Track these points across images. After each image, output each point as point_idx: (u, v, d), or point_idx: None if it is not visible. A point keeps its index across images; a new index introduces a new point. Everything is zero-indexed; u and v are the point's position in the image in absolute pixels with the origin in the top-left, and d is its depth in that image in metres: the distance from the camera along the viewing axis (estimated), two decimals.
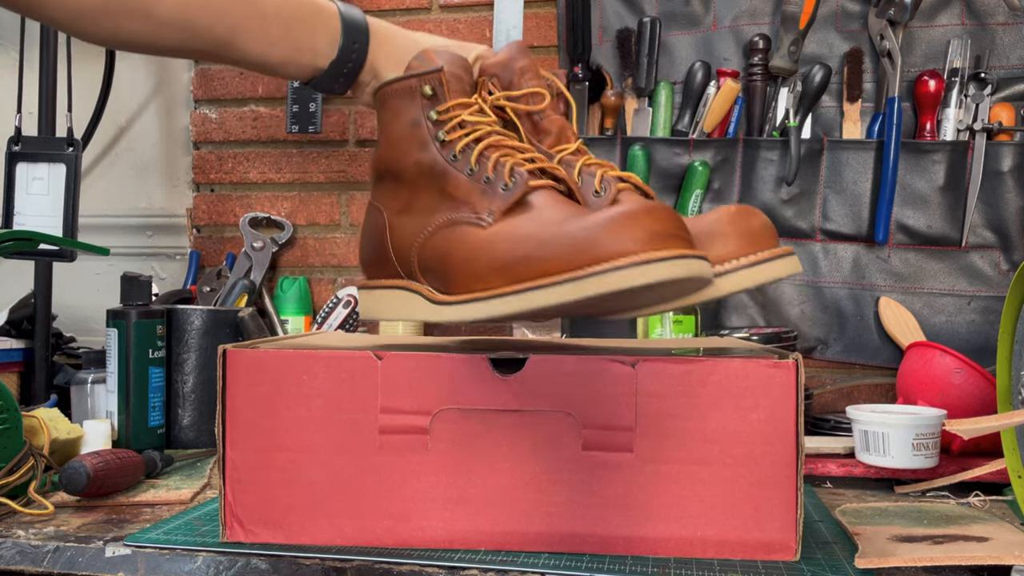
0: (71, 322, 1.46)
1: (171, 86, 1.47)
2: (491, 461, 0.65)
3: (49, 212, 1.17)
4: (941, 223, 1.16)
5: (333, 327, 1.29)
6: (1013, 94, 1.15)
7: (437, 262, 0.63)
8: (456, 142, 0.65)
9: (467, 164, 0.64)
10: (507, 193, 0.62)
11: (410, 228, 0.66)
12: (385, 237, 0.69)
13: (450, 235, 0.63)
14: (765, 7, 1.21)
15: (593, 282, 0.52)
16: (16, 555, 0.67)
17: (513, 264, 0.57)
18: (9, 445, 0.78)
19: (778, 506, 0.63)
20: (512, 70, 0.71)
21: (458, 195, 0.64)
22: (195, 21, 0.65)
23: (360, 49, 0.70)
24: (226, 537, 0.67)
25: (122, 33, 0.64)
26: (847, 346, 1.19)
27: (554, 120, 0.73)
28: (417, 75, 0.67)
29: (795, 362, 0.63)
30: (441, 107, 0.66)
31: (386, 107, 0.69)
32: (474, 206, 0.63)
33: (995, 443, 0.88)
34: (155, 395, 1.00)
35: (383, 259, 0.69)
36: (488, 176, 0.63)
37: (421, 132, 0.67)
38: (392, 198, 0.69)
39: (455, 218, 0.63)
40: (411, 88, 0.67)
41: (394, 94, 0.68)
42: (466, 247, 0.61)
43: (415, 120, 0.67)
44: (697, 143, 1.20)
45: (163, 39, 0.65)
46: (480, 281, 0.59)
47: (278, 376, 0.66)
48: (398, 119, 0.68)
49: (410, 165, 0.67)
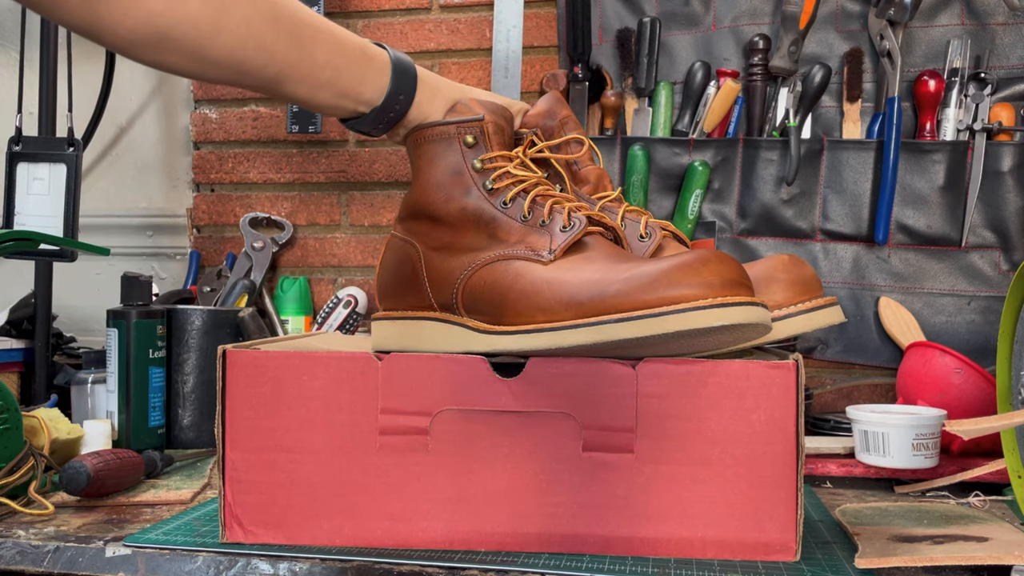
0: (71, 322, 1.46)
1: (171, 86, 1.47)
2: (491, 462, 0.65)
3: (49, 212, 1.17)
4: (941, 223, 1.16)
5: (333, 327, 1.29)
6: (1013, 94, 1.15)
7: (489, 295, 0.64)
8: (505, 191, 0.67)
9: (519, 211, 0.67)
10: (566, 234, 0.65)
11: (452, 264, 0.68)
12: (419, 270, 0.70)
13: (504, 269, 0.65)
14: (765, 7, 1.21)
15: (671, 320, 0.55)
16: (16, 555, 0.67)
17: (585, 298, 0.59)
18: (9, 445, 0.78)
19: (778, 506, 0.63)
20: (554, 120, 0.75)
21: (510, 238, 0.66)
22: (247, 62, 0.64)
23: (406, 100, 0.70)
24: (226, 537, 0.67)
25: (169, 65, 0.64)
26: (847, 346, 1.19)
27: (591, 169, 0.78)
28: (458, 122, 0.68)
29: (795, 362, 0.63)
30: (485, 156, 0.68)
31: (422, 150, 0.70)
32: (530, 244, 0.65)
33: (995, 443, 0.88)
34: (155, 395, 1.00)
35: (412, 291, 0.71)
36: (544, 220, 0.66)
37: (464, 179, 0.68)
38: (428, 236, 0.70)
39: (508, 254, 0.65)
40: (450, 134, 0.69)
41: (432, 139, 0.69)
42: (525, 281, 0.63)
43: (456, 167, 0.68)
44: (697, 143, 1.20)
45: (213, 74, 0.65)
46: (544, 313, 0.61)
47: (278, 376, 0.66)
48: (436, 164, 0.69)
49: (453, 210, 0.68)
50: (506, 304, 0.63)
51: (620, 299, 0.57)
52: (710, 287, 0.56)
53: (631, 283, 0.58)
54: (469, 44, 1.32)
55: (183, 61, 0.63)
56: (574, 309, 0.60)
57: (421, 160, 0.70)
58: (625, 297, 0.57)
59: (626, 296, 0.57)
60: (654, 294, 0.56)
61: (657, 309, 0.56)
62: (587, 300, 0.59)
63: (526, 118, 0.76)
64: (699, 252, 0.58)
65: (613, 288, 0.58)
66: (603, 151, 1.22)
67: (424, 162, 0.70)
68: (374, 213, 1.36)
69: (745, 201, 1.20)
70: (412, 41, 1.34)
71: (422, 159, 0.70)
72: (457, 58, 1.33)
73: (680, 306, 0.55)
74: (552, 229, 0.65)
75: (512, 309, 0.63)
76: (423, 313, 0.70)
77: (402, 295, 0.72)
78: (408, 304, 0.72)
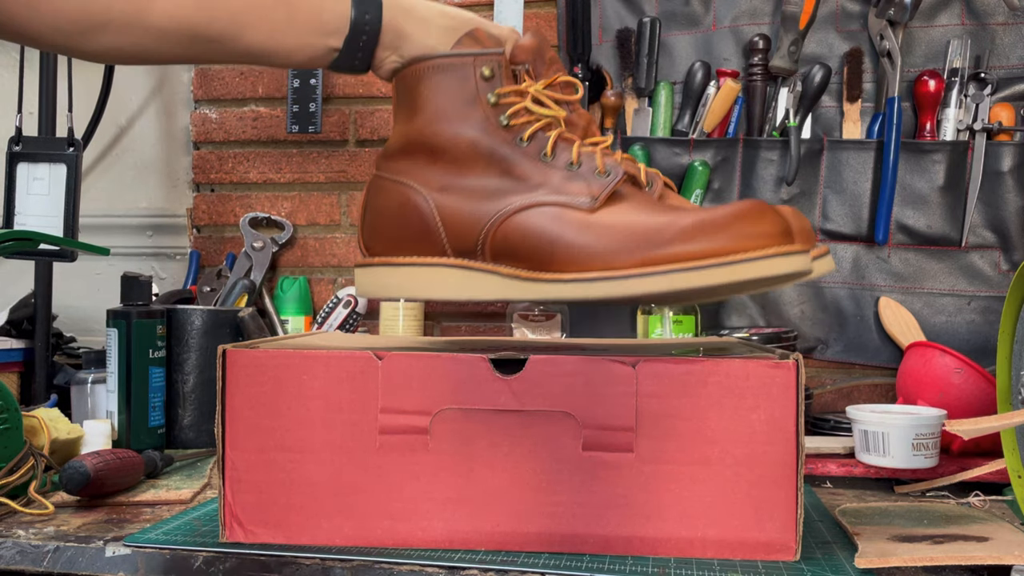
0: (71, 322, 1.46)
1: (171, 86, 1.47)
2: (491, 461, 0.65)
3: (49, 212, 1.17)
4: (941, 223, 1.16)
5: (333, 327, 1.29)
6: (1013, 94, 1.15)
7: (530, 241, 0.63)
8: (522, 128, 0.66)
9: (539, 150, 0.65)
10: (605, 180, 0.64)
11: (475, 209, 0.65)
12: (429, 215, 0.66)
13: (545, 215, 0.63)
14: (765, 7, 1.21)
15: (740, 268, 0.57)
16: (16, 555, 0.67)
17: (647, 246, 0.59)
18: (9, 445, 0.78)
19: (778, 506, 0.63)
20: (543, 59, 0.71)
21: (533, 179, 0.64)
22: (192, 21, 0.61)
23: (373, 20, 0.66)
24: (226, 537, 0.67)
25: (119, 47, 0.60)
26: (847, 346, 1.19)
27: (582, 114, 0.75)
28: (475, 54, 0.66)
29: (795, 362, 0.63)
30: (501, 90, 0.66)
31: (428, 82, 0.67)
32: (563, 188, 0.64)
33: (995, 443, 0.88)
34: (155, 395, 1.00)
35: (419, 237, 0.67)
36: (572, 163, 0.65)
37: (478, 112, 0.66)
38: (428, 176, 0.67)
39: (544, 200, 0.63)
40: (464, 66, 0.66)
41: (442, 69, 0.66)
42: (574, 228, 0.62)
43: (468, 100, 0.66)
44: (697, 143, 1.20)
45: (164, 47, 0.61)
46: (600, 261, 0.60)
47: (278, 376, 0.66)
48: (445, 96, 0.66)
49: (463, 144, 0.66)
50: (555, 251, 0.62)
51: (684, 247, 0.58)
52: (770, 237, 0.58)
53: (694, 232, 0.58)
54: None
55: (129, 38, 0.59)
56: (636, 257, 0.60)
57: (425, 92, 0.67)
58: (690, 245, 0.58)
59: (691, 244, 0.58)
60: (719, 243, 0.58)
61: (727, 258, 0.58)
62: (649, 248, 0.59)
63: (515, 50, 0.71)
64: (750, 203, 0.59)
65: (676, 236, 0.59)
66: None
67: (429, 93, 0.66)
68: None
69: None
70: None
71: (427, 90, 0.66)
72: None
73: (749, 255, 0.57)
74: (585, 174, 0.64)
75: (563, 256, 0.62)
76: (434, 260, 0.67)
77: (403, 240, 0.68)
78: (411, 250, 0.68)
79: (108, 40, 0.59)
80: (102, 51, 0.60)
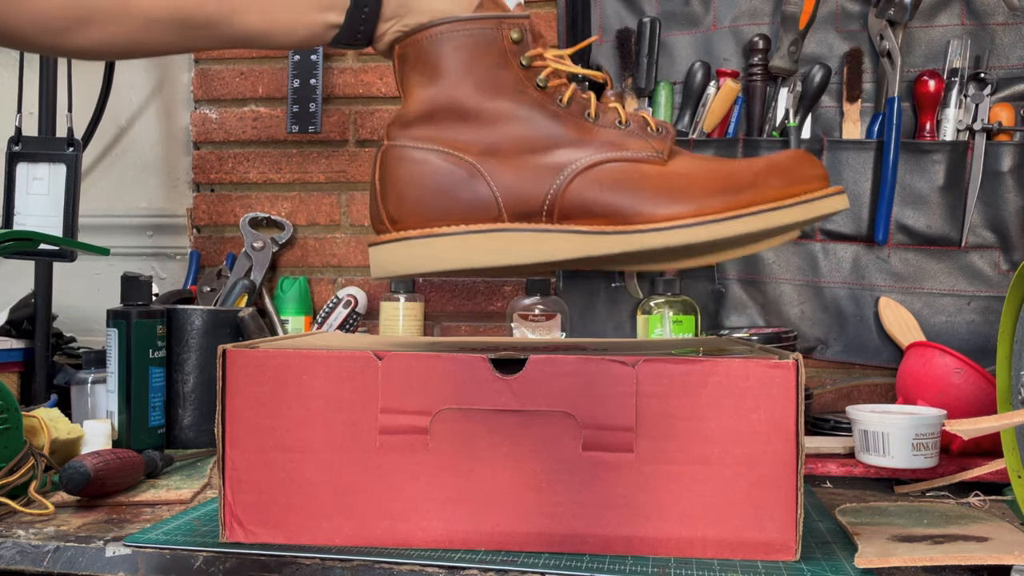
0: (71, 322, 1.46)
1: (171, 86, 1.47)
2: (491, 461, 0.65)
3: (49, 212, 1.17)
4: (941, 223, 1.16)
5: (333, 327, 1.29)
6: (1013, 94, 1.15)
7: (606, 196, 0.64)
8: (558, 90, 0.67)
9: (582, 110, 0.67)
10: (662, 136, 0.67)
11: (533, 171, 0.65)
12: (479, 180, 0.65)
13: (620, 170, 0.65)
14: (765, 7, 1.21)
15: (817, 205, 0.65)
16: (16, 555, 0.67)
17: (732, 190, 0.64)
18: (9, 445, 0.78)
19: (778, 506, 0.63)
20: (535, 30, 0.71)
21: (588, 137, 0.66)
22: (179, 4, 0.59)
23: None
24: (226, 537, 0.67)
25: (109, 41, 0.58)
26: (847, 346, 1.19)
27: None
28: (502, 17, 0.66)
29: (795, 362, 0.63)
30: (531, 53, 0.66)
31: (451, 46, 0.65)
32: (627, 146, 0.66)
33: (995, 443, 0.88)
34: (155, 395, 1.00)
35: (468, 203, 0.65)
36: (621, 122, 0.67)
37: (510, 75, 0.66)
38: (463, 138, 0.66)
39: (613, 157, 0.65)
40: (491, 29, 0.66)
41: (467, 32, 0.65)
42: (657, 179, 0.65)
43: (499, 62, 0.66)
44: (697, 143, 1.20)
45: (154, 37, 0.60)
46: (693, 206, 0.63)
47: (278, 376, 0.66)
48: (472, 57, 0.65)
49: (502, 106, 0.66)
50: (641, 203, 0.64)
51: (763, 191, 0.64)
52: (822, 179, 0.65)
53: (768, 175, 0.64)
54: None
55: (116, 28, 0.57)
56: (721, 201, 0.63)
57: (448, 55, 0.65)
58: (766, 189, 0.64)
59: (767, 188, 0.64)
60: (790, 185, 0.64)
61: (804, 197, 0.64)
62: (732, 192, 0.64)
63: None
64: (797, 151, 0.67)
65: (753, 179, 0.64)
66: None
67: (454, 57, 0.65)
68: None
69: None
70: None
71: (450, 54, 0.65)
72: None
73: (818, 193, 0.65)
74: (638, 132, 0.66)
75: (650, 206, 0.64)
76: (490, 225, 0.65)
77: (446, 209, 0.65)
78: (458, 218, 0.65)
79: (96, 34, 0.58)
80: (93, 47, 0.59)
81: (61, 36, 0.57)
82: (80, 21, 0.57)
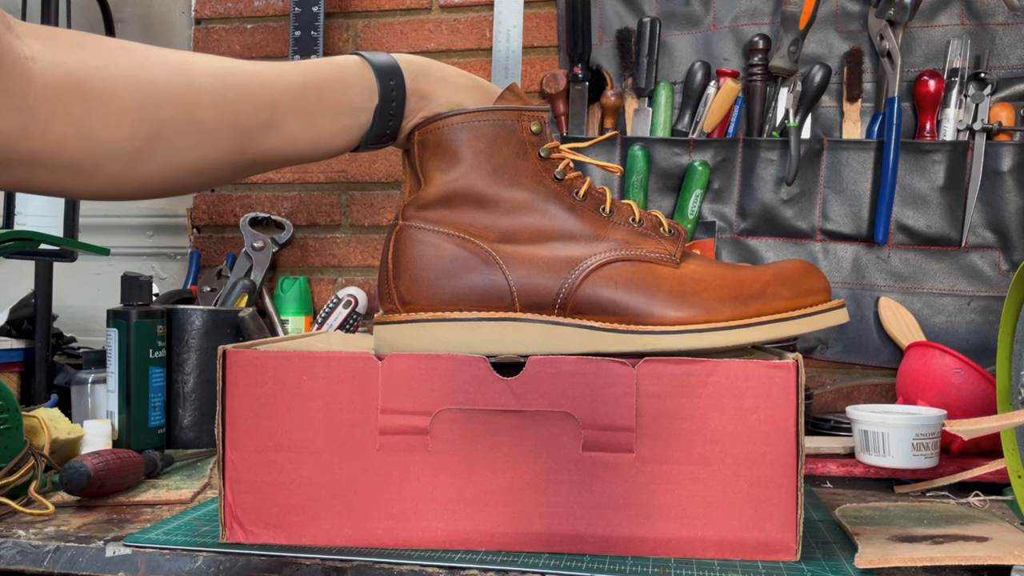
0: (71, 322, 1.46)
1: None
2: (491, 461, 0.65)
3: (50, 212, 1.17)
4: (941, 223, 1.16)
5: (333, 327, 1.29)
6: (1013, 94, 1.15)
7: (620, 295, 0.65)
8: (576, 184, 0.68)
9: (597, 205, 0.68)
10: (675, 238, 0.68)
11: (548, 263, 0.66)
12: (494, 267, 0.66)
13: (636, 270, 0.66)
14: (765, 7, 1.21)
15: (820, 319, 0.66)
16: (16, 555, 0.67)
17: (741, 299, 0.65)
18: (9, 445, 0.78)
19: (778, 506, 0.63)
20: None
21: (603, 234, 0.67)
22: (239, 111, 0.59)
23: (398, 86, 0.66)
24: (226, 537, 0.67)
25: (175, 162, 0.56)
26: (847, 346, 1.19)
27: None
28: (523, 109, 0.67)
29: (795, 362, 0.63)
30: (549, 145, 0.68)
31: (469, 133, 0.66)
32: (641, 246, 0.67)
33: (995, 443, 0.88)
34: (155, 395, 1.00)
35: (481, 290, 0.66)
36: (635, 220, 0.68)
37: (529, 166, 0.67)
38: (480, 225, 0.67)
39: (628, 256, 0.66)
40: (512, 120, 0.67)
41: (489, 123, 0.67)
42: (668, 282, 0.66)
43: (519, 152, 0.67)
44: (697, 143, 1.20)
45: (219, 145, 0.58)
46: (703, 312, 0.65)
47: (278, 376, 0.66)
48: (494, 148, 0.67)
49: (520, 196, 0.67)
50: (653, 304, 0.65)
51: (770, 301, 0.66)
52: (825, 292, 0.67)
53: (776, 285, 0.66)
54: (469, 44, 1.32)
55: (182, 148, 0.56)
56: (730, 309, 0.65)
57: (468, 143, 0.66)
58: (774, 299, 0.66)
59: (775, 298, 0.66)
60: (796, 297, 0.66)
61: (808, 310, 0.66)
62: (741, 300, 0.65)
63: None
64: (801, 261, 0.68)
65: (762, 289, 0.66)
66: (603, 151, 1.22)
67: (475, 146, 0.66)
68: (374, 213, 1.36)
69: (745, 201, 1.20)
70: (412, 41, 1.34)
71: (472, 143, 0.66)
72: (457, 58, 1.33)
73: (823, 307, 0.67)
74: (650, 232, 0.68)
75: (661, 309, 0.65)
76: (502, 314, 0.66)
77: (458, 294, 0.66)
78: (470, 304, 0.66)
79: (166, 155, 0.56)
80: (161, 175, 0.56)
81: (131, 161, 0.54)
82: (151, 140, 0.54)
